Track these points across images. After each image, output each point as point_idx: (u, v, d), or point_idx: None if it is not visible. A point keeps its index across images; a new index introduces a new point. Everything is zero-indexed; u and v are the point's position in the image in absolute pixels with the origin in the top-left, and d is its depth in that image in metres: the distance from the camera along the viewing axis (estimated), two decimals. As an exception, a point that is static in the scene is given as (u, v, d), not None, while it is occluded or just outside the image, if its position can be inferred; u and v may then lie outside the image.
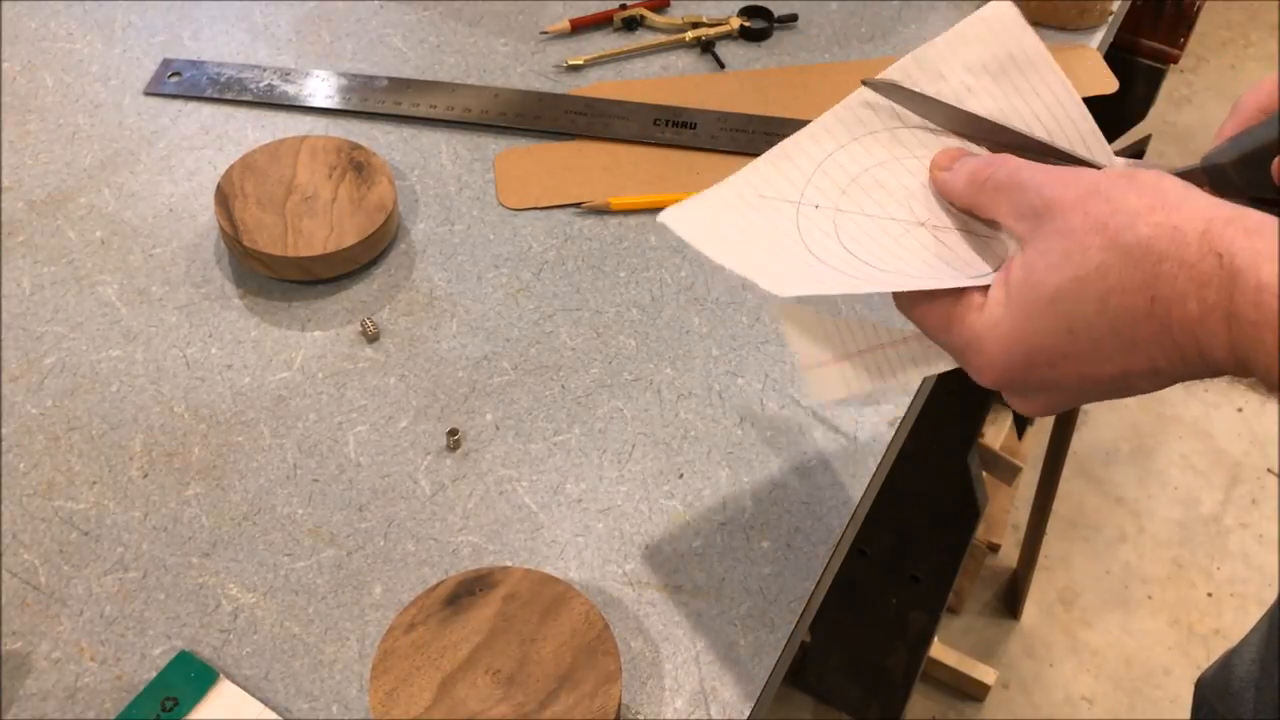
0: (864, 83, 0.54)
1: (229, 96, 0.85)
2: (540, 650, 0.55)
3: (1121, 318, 0.41)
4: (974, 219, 0.50)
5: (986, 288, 0.46)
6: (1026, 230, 0.45)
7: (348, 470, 0.65)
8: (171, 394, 0.68)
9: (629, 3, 0.92)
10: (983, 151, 0.52)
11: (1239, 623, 1.67)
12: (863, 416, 0.68)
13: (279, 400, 0.68)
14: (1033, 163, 0.47)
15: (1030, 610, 1.68)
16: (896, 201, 0.52)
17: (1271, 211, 0.46)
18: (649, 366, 0.70)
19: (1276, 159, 0.45)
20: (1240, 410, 1.87)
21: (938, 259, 0.49)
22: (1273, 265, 0.38)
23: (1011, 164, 0.47)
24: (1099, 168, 0.50)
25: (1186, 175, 0.49)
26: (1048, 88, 0.52)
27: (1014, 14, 0.54)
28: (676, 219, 0.52)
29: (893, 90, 0.53)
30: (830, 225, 0.52)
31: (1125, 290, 0.41)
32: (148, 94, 0.85)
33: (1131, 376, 0.43)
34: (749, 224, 0.52)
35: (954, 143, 0.53)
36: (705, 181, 0.79)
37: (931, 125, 0.53)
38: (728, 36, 0.90)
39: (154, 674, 0.57)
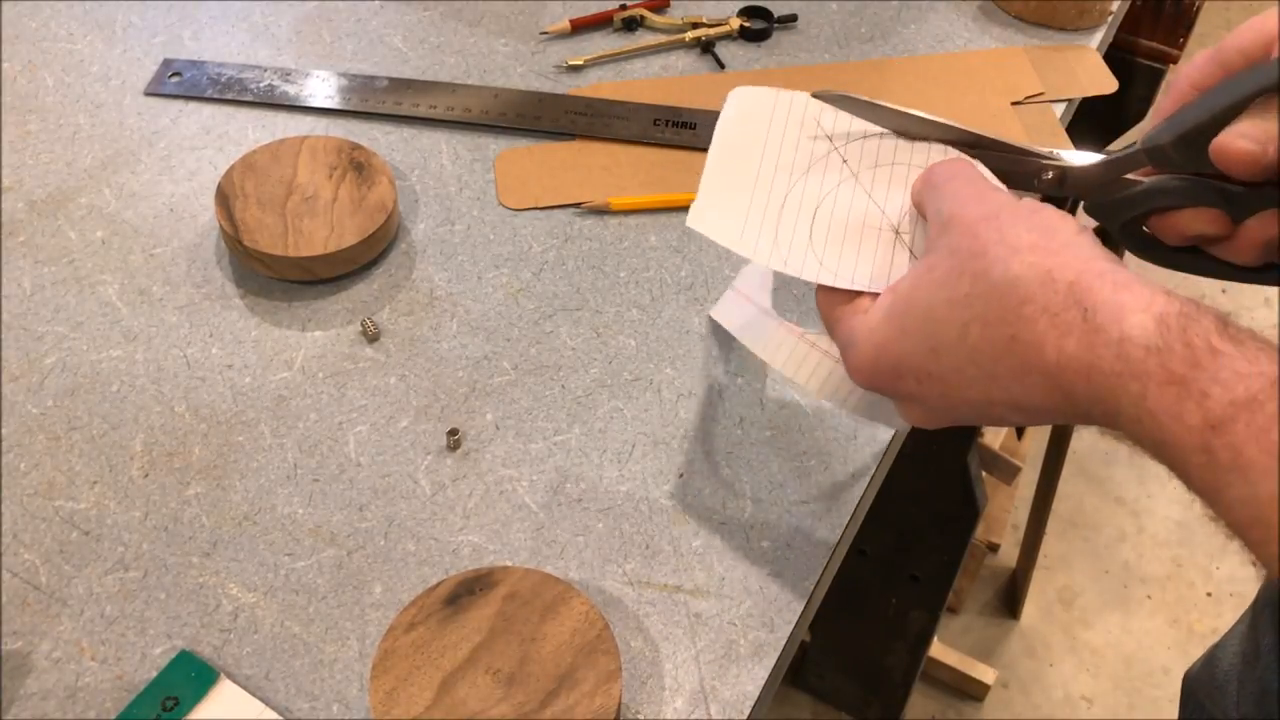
0: (814, 94, 0.55)
1: (229, 97, 0.85)
2: (540, 650, 0.55)
3: (980, 349, 0.42)
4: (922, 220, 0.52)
5: (874, 296, 0.48)
6: (932, 239, 0.46)
7: (348, 470, 0.65)
8: (172, 394, 0.68)
9: (629, 3, 0.92)
10: (924, 149, 0.54)
11: (1239, 623, 1.67)
12: (862, 416, 0.68)
13: (279, 400, 0.68)
14: (971, 172, 0.48)
15: (1030, 610, 1.68)
16: (879, 202, 0.53)
17: (1208, 186, 0.47)
18: (649, 366, 0.70)
19: (1213, 141, 0.46)
20: (1240, 410, 1.87)
21: (882, 262, 0.51)
22: (1137, 316, 0.38)
23: (949, 168, 0.48)
24: (1048, 158, 0.51)
25: (1128, 158, 0.50)
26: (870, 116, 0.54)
27: (751, 91, 0.56)
28: (700, 221, 0.54)
29: (842, 100, 0.54)
30: (810, 214, 0.53)
31: (986, 323, 0.42)
32: (148, 94, 0.85)
33: (995, 406, 0.43)
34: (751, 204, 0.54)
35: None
36: (705, 181, 0.80)
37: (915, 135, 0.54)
38: (728, 37, 0.90)
39: (154, 674, 0.57)
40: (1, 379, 0.69)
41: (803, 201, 0.53)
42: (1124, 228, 0.51)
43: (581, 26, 0.90)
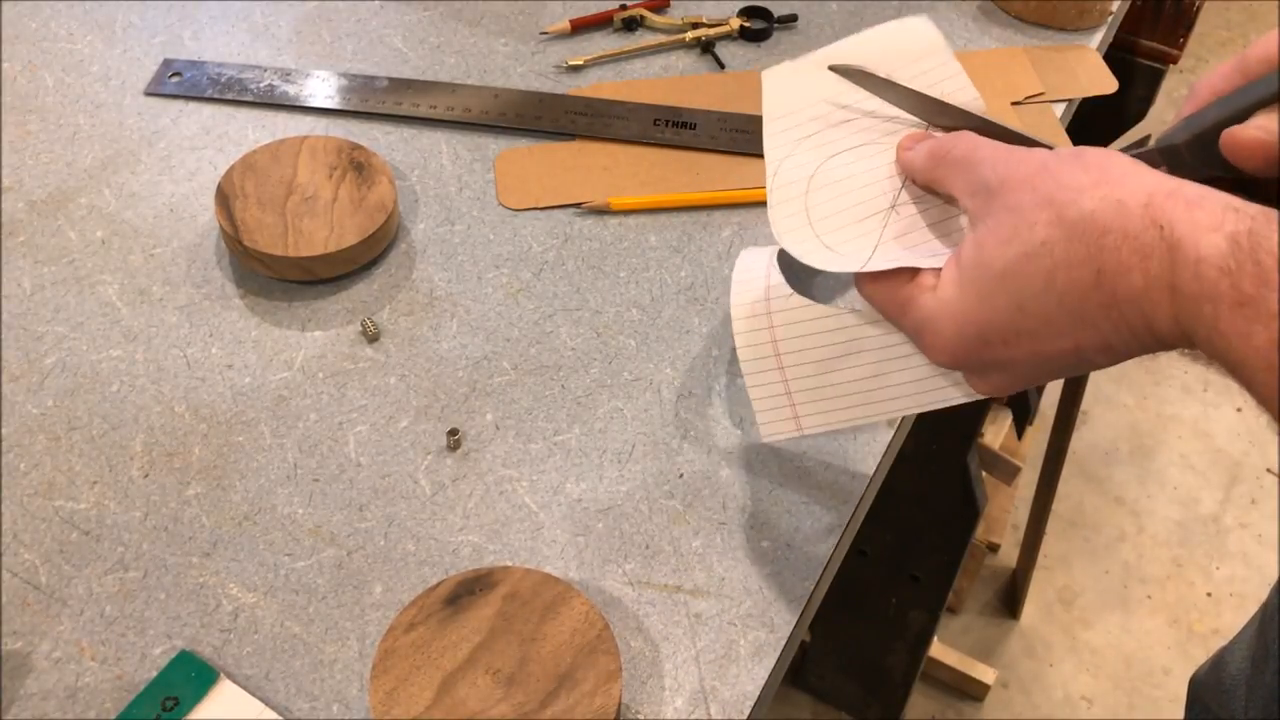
0: (831, 67, 0.55)
1: (229, 97, 0.85)
2: (540, 650, 0.55)
3: (1069, 292, 0.42)
4: (934, 197, 0.51)
5: (939, 270, 0.47)
6: (978, 206, 0.45)
7: (348, 470, 0.65)
8: (172, 394, 0.68)
9: (629, 3, 0.92)
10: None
11: (1238, 623, 1.66)
12: (862, 416, 0.68)
13: (279, 400, 0.68)
14: (989, 140, 0.47)
15: (1030, 610, 1.68)
16: (862, 185, 0.52)
17: (1222, 189, 0.46)
18: (649, 366, 0.70)
19: (1225, 130, 0.46)
20: (1240, 410, 1.87)
21: (895, 241, 0.50)
22: (1210, 236, 0.38)
23: (968, 140, 0.48)
24: (1050, 148, 0.50)
25: (1142, 156, 0.50)
26: (968, 86, 0.53)
27: (928, 26, 0.56)
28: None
29: (856, 75, 0.54)
30: (802, 207, 0.53)
31: (1071, 264, 0.41)
32: (148, 94, 0.85)
33: (1085, 352, 0.43)
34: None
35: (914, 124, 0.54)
36: (705, 182, 0.80)
37: (893, 113, 0.54)
38: (728, 37, 0.90)
39: (154, 674, 0.57)
40: (1, 379, 0.69)
41: (834, 182, 0.53)
42: None
43: (581, 26, 0.90)
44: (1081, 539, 1.77)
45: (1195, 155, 0.48)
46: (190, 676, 0.57)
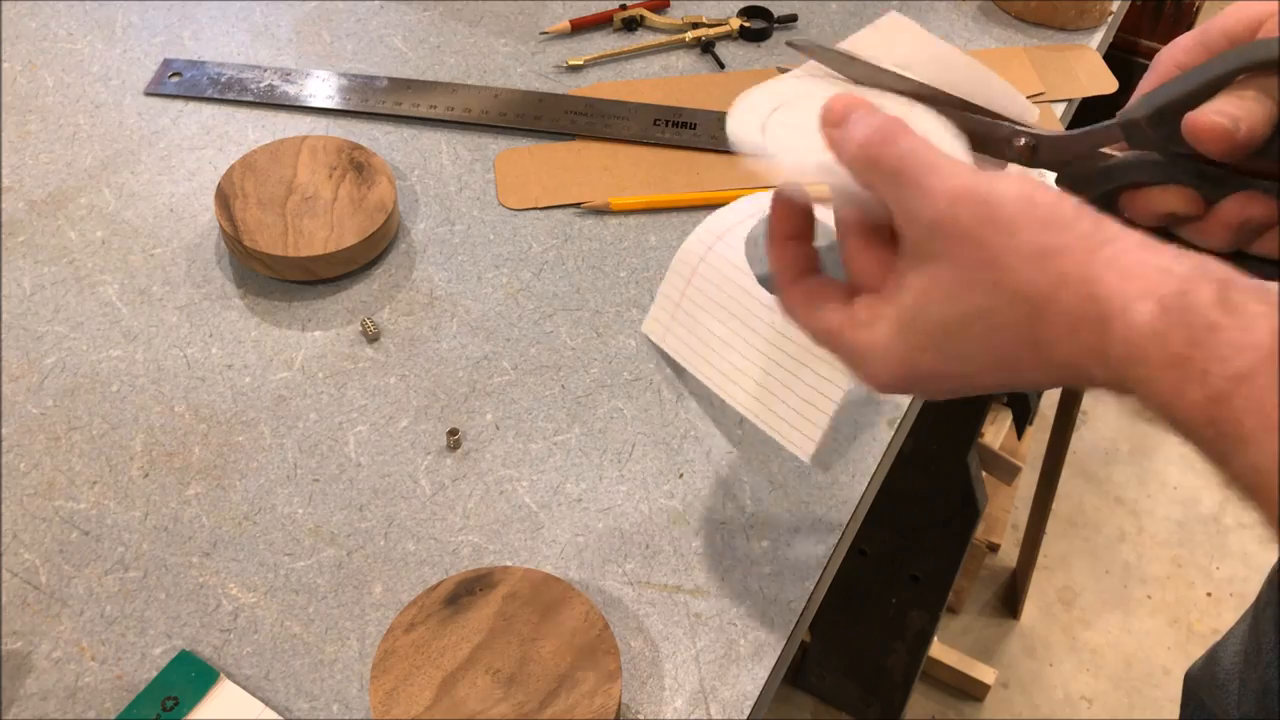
0: (789, 43, 0.54)
1: (229, 97, 0.85)
2: (540, 650, 0.55)
3: (1004, 350, 0.43)
4: None
5: (870, 303, 0.46)
6: (915, 239, 0.44)
7: (348, 470, 0.65)
8: (172, 394, 0.68)
9: (629, 3, 0.92)
10: (889, 101, 0.50)
11: (1238, 623, 1.67)
12: (863, 416, 0.68)
13: (279, 400, 0.68)
14: (925, 149, 0.44)
15: (1030, 610, 1.68)
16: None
17: (1183, 164, 0.47)
18: (649, 366, 0.70)
19: (1186, 115, 0.45)
20: (1240, 410, 1.87)
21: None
22: (1141, 304, 0.39)
23: (903, 146, 0.44)
24: (1026, 127, 0.51)
25: (1104, 132, 0.50)
26: (965, 64, 0.52)
27: (906, 21, 0.55)
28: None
29: (819, 51, 0.52)
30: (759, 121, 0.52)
31: (1007, 328, 0.42)
32: (148, 94, 0.85)
33: (1020, 386, 0.45)
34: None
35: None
36: (705, 182, 0.80)
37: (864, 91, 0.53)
38: (727, 37, 0.90)
39: (154, 674, 0.57)
40: (1, 379, 0.69)
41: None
42: (1095, 202, 0.50)
43: (581, 26, 0.90)
44: (1081, 539, 1.77)
45: (1157, 131, 0.47)
46: (190, 676, 0.57)
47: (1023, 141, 0.51)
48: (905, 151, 0.44)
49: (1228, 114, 0.45)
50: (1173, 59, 0.49)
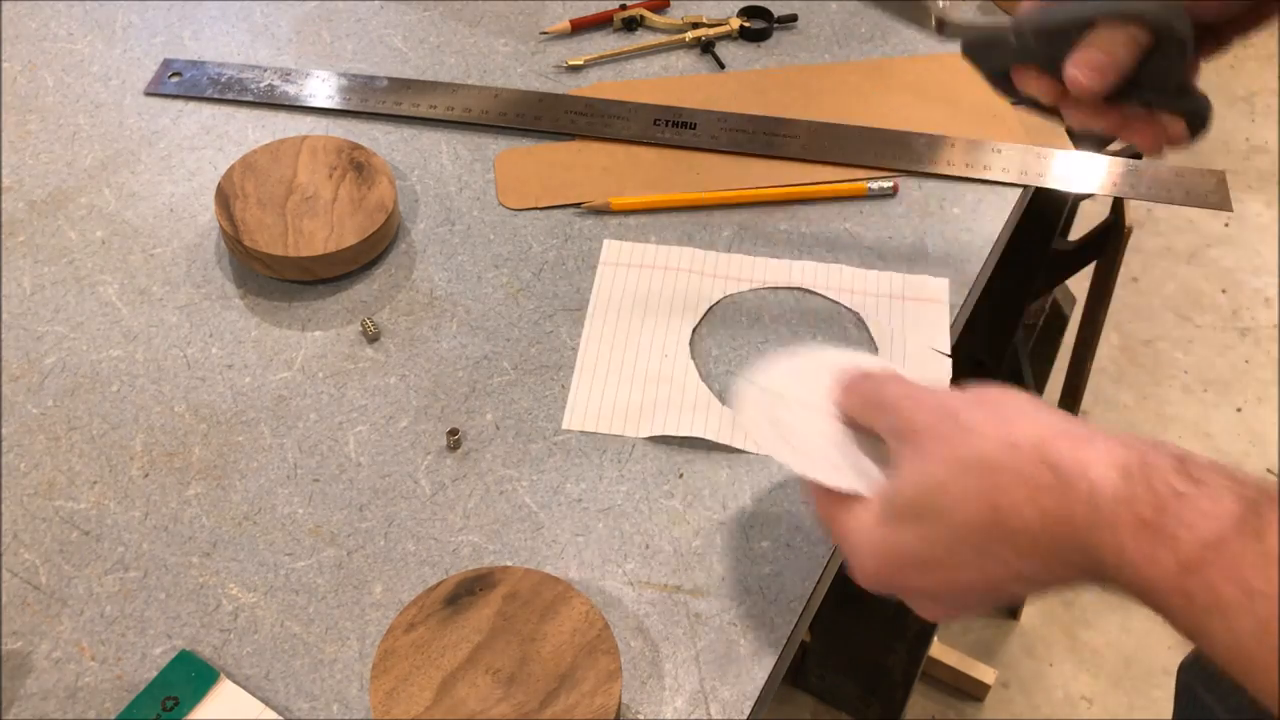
0: (939, 26, 0.62)
1: (229, 97, 0.85)
2: (540, 650, 0.55)
3: (967, 524, 0.44)
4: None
5: (865, 501, 0.50)
6: (896, 448, 0.49)
7: (348, 470, 0.65)
8: (172, 394, 0.68)
9: (629, 3, 0.92)
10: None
11: (1239, 622, 1.67)
12: (862, 416, 0.68)
13: (279, 400, 0.68)
14: (904, 384, 0.51)
15: (1030, 610, 1.68)
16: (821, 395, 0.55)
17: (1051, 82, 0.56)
18: (649, 366, 0.70)
19: (1065, 69, 0.54)
20: (1240, 410, 1.87)
21: (840, 455, 0.53)
22: (1100, 469, 0.40)
23: (889, 388, 0.51)
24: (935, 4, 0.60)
25: (993, 33, 0.57)
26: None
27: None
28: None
29: (963, 30, 0.60)
30: (769, 404, 0.56)
31: (966, 499, 0.44)
32: (148, 94, 0.85)
33: (1001, 582, 0.45)
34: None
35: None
36: (705, 182, 0.80)
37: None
38: (728, 37, 0.90)
39: (154, 673, 0.57)
40: (1, 379, 0.69)
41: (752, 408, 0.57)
42: (991, 75, 0.60)
43: (581, 26, 0.90)
44: (1081, 539, 1.77)
45: (1041, 47, 0.55)
46: (190, 676, 0.57)
47: (933, 20, 0.61)
48: (889, 390, 0.51)
49: (1091, 63, 0.53)
50: None
